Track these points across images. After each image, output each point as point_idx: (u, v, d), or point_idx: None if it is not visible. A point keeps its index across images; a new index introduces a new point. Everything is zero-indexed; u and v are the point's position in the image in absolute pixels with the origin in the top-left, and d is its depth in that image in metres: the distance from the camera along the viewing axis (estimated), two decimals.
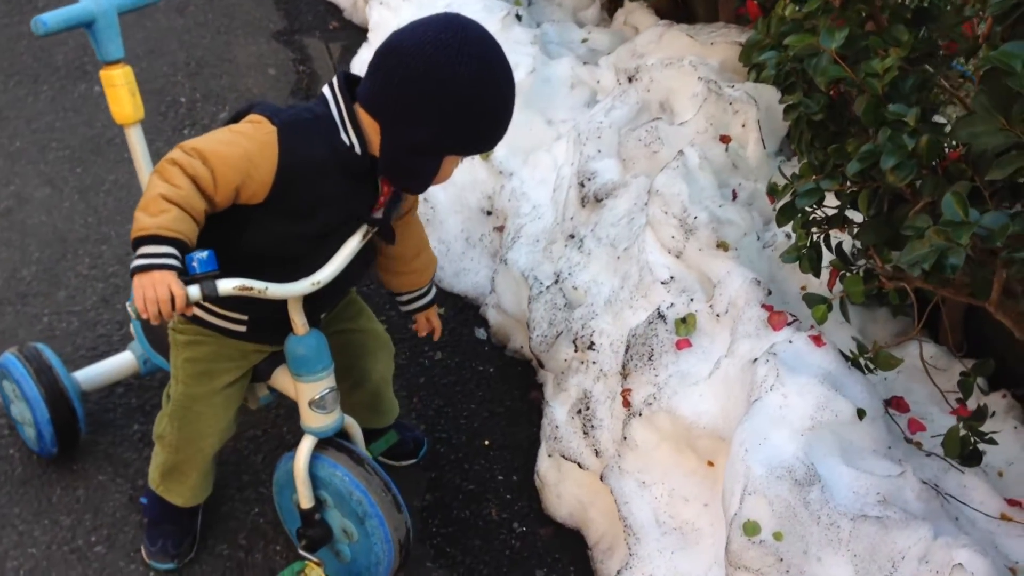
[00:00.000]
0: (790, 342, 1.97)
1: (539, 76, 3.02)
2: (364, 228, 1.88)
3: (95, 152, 3.57)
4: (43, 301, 2.90)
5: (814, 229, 1.98)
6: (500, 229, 3.01)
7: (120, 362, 2.46)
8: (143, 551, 2.20)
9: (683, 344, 2.19)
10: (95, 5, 2.06)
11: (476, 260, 3.04)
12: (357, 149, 1.75)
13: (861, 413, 1.88)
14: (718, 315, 2.18)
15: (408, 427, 2.52)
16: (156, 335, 2.26)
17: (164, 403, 2.08)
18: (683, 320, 2.21)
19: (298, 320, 1.91)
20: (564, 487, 2.37)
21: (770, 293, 2.14)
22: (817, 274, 2.00)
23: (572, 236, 2.59)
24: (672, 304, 2.23)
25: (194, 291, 1.63)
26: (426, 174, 1.76)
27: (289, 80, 4.14)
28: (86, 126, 3.70)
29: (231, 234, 1.79)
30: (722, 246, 2.22)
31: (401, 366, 2.79)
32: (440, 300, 3.02)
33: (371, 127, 1.73)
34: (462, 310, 3.01)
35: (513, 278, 2.74)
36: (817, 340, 1.99)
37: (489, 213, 3.05)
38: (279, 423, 2.58)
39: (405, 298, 2.21)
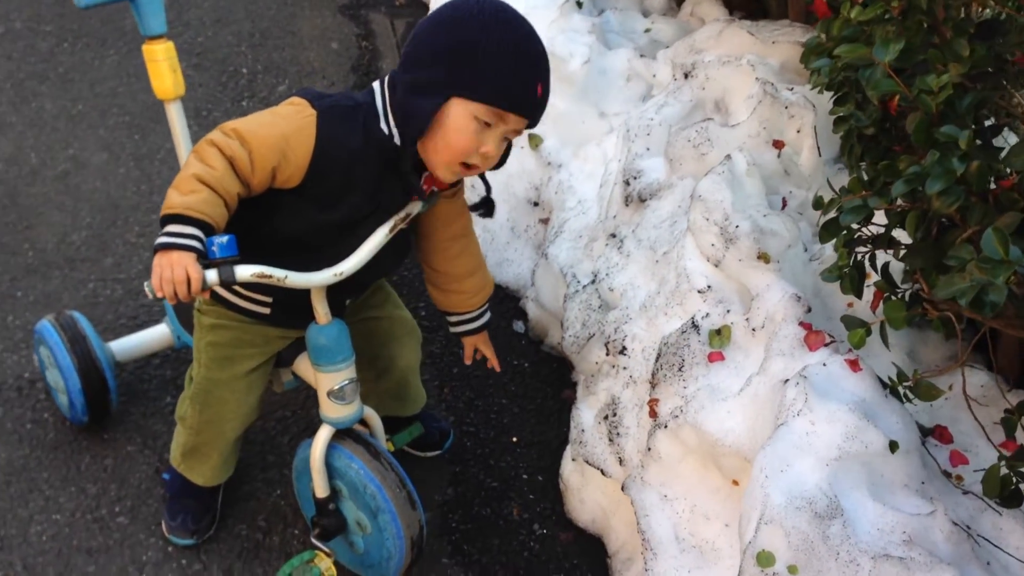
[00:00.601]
0: (824, 364, 1.89)
1: (594, 67, 2.95)
2: (392, 221, 1.84)
3: (154, 120, 3.60)
4: (90, 267, 2.94)
5: (859, 248, 1.89)
6: (545, 221, 2.96)
7: (155, 334, 2.48)
8: (163, 525, 2.22)
9: (715, 357, 2.12)
10: None
11: (520, 251, 3.00)
12: (396, 139, 1.73)
13: (893, 445, 1.79)
14: (754, 329, 2.11)
15: (435, 418, 2.50)
16: (186, 313, 2.27)
17: (187, 384, 2.09)
18: (717, 332, 2.14)
19: (320, 309, 1.89)
20: (587, 492, 2.33)
21: (810, 310, 2.05)
22: (859, 295, 1.91)
23: (613, 235, 2.53)
24: (707, 314, 2.16)
25: (211, 275, 1.62)
26: (423, 115, 1.67)
27: (351, 55, 4.13)
28: (147, 93, 3.73)
29: (260, 219, 1.78)
30: (763, 258, 2.13)
31: (434, 355, 2.76)
32: None
33: None
34: (502, 301, 2.97)
35: (553, 273, 2.69)
36: (853, 364, 1.90)
37: (536, 204, 3.00)
38: (308, 404, 2.57)
39: (452, 319, 2.16)
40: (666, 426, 2.07)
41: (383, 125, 1.74)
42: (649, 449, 2.10)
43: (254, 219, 1.77)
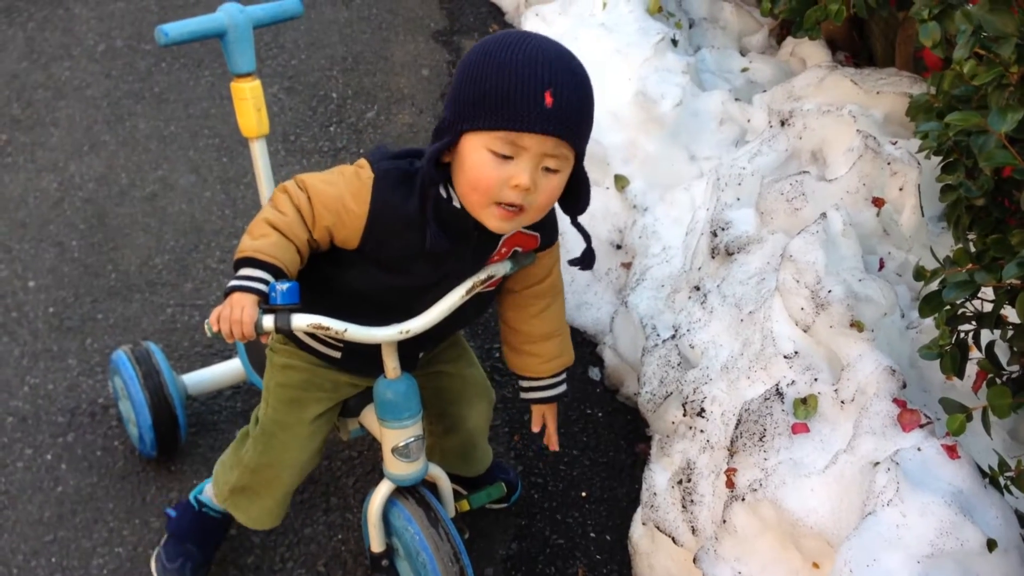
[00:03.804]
0: (919, 449, 1.76)
1: (687, 109, 2.85)
2: (471, 282, 1.78)
3: (242, 143, 3.60)
4: (170, 291, 2.96)
5: (962, 326, 1.76)
6: (627, 266, 2.87)
7: (228, 369, 2.47)
8: (155, 562, 2.15)
9: (799, 428, 2.00)
10: (228, 18, 2.05)
11: (600, 295, 2.91)
12: (456, 202, 1.64)
13: (992, 544, 1.65)
14: (842, 402, 1.98)
15: (504, 468, 2.42)
16: (257, 354, 2.25)
17: (252, 422, 2.05)
18: (803, 401, 2.02)
19: (390, 363, 1.84)
20: (657, 559, 2.23)
21: (905, 386, 1.92)
22: (960, 376, 1.78)
23: (697, 288, 2.42)
24: (793, 382, 2.04)
25: (267, 321, 1.60)
26: (430, 158, 1.58)
27: (441, 82, 4.10)
28: None
29: (336, 272, 1.75)
30: (856, 326, 2.01)
31: (507, 399, 2.69)
32: None
33: None
34: (579, 345, 2.87)
35: (632, 323, 2.59)
36: (951, 451, 1.76)
37: (619, 247, 2.91)
38: (375, 447, 2.52)
39: (524, 383, 2.03)
40: (744, 499, 1.96)
41: (442, 189, 1.64)
42: (724, 521, 1.99)
43: (331, 271, 1.75)
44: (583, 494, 2.46)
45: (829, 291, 2.03)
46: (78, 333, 2.81)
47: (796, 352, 2.07)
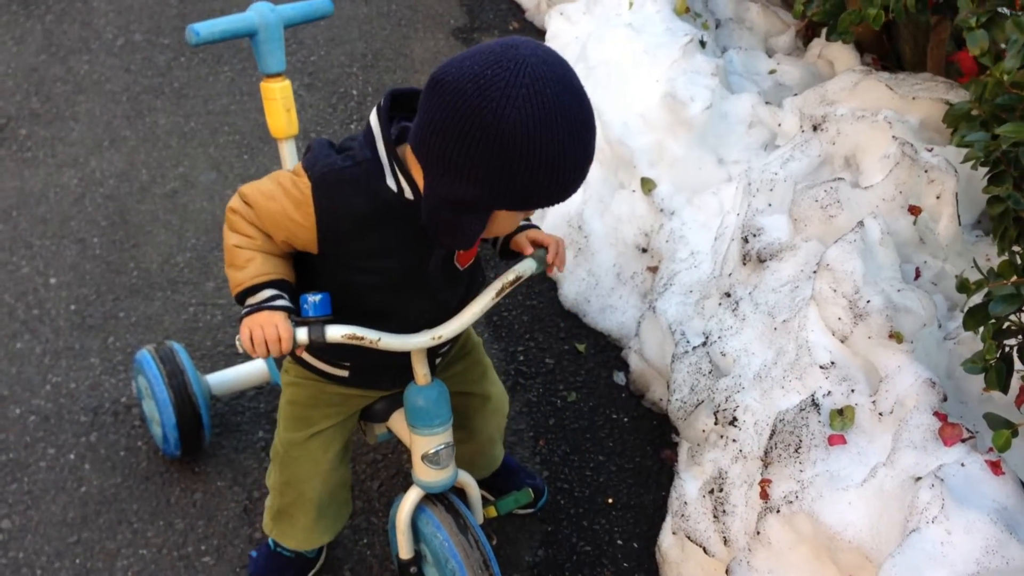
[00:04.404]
0: (962, 465, 1.73)
1: (715, 111, 2.81)
2: (499, 284, 1.74)
3: (263, 140, 3.60)
4: (192, 290, 2.94)
5: (1009, 341, 1.73)
6: (653, 269, 2.84)
7: (252, 369, 2.45)
8: None
9: (836, 440, 1.97)
10: (259, 17, 2.02)
11: (624, 299, 2.88)
12: (408, 194, 1.56)
13: None
14: (880, 414, 1.95)
15: (530, 474, 2.40)
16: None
17: (272, 449, 2.03)
18: (840, 412, 1.99)
19: (420, 370, 1.81)
20: (686, 568, 2.20)
21: (945, 399, 1.89)
22: (1005, 391, 1.75)
23: (728, 295, 2.39)
24: (829, 392, 2.02)
25: (302, 334, 1.59)
26: (470, 232, 1.51)
27: None
28: (259, 112, 3.74)
29: (325, 281, 1.71)
30: (895, 337, 1.98)
31: (531, 403, 2.67)
32: (582, 337, 2.89)
33: (418, 169, 1.53)
34: (603, 349, 2.86)
35: (660, 328, 2.56)
36: (995, 467, 1.73)
37: (644, 251, 2.88)
38: (400, 448, 2.51)
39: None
40: (779, 511, 1.93)
41: (390, 182, 1.56)
42: (758, 532, 1.97)
43: (326, 281, 1.70)
44: (609, 500, 2.44)
45: (868, 301, 2.00)
46: (100, 331, 2.79)
47: (832, 362, 2.04)
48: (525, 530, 2.35)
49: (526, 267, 1.77)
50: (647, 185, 2.86)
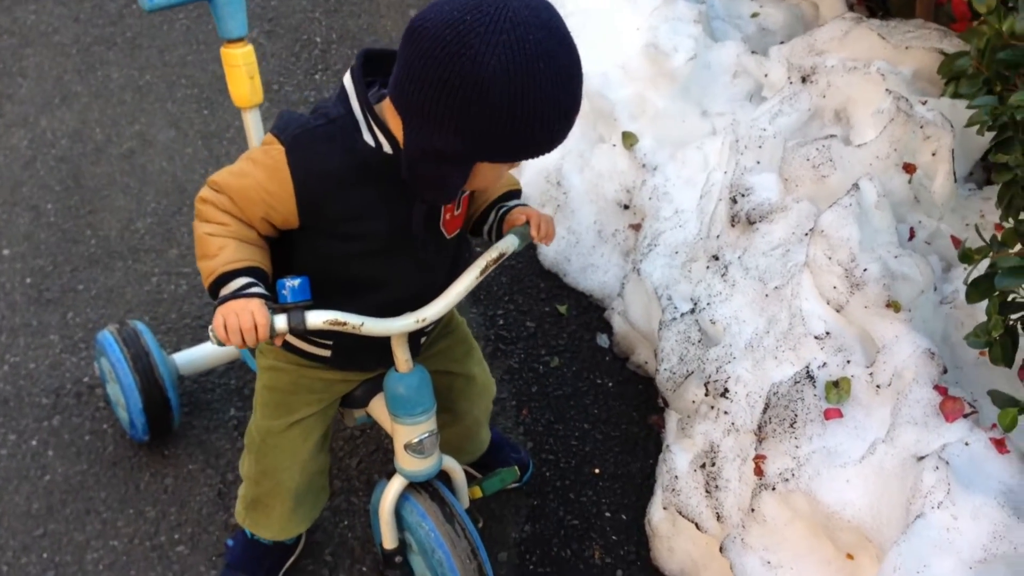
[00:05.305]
0: (966, 444, 1.67)
1: (699, 61, 2.69)
2: (483, 262, 1.65)
3: (223, 93, 3.42)
4: (154, 259, 2.80)
5: (1013, 314, 1.65)
6: (636, 227, 2.74)
7: (220, 347, 2.33)
8: None
9: (833, 414, 1.90)
10: None
11: (606, 257, 2.79)
12: (387, 148, 1.48)
13: None
14: (878, 386, 1.88)
15: (515, 447, 2.33)
16: None
17: (246, 435, 1.94)
18: (835, 384, 1.92)
19: (401, 356, 1.72)
20: (677, 541, 2.15)
21: (946, 371, 1.83)
22: (1010, 365, 1.68)
23: (716, 258, 2.30)
24: (824, 364, 1.95)
25: (280, 322, 1.49)
26: (452, 185, 1.46)
27: None
28: (216, 63, 3.56)
29: (301, 261, 1.63)
30: (893, 306, 1.90)
31: (513, 370, 2.59)
32: (563, 297, 2.80)
33: (396, 122, 1.45)
34: (585, 310, 2.77)
35: (645, 292, 2.48)
36: (999, 445, 1.68)
37: (626, 207, 2.78)
38: (379, 426, 2.42)
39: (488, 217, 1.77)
40: (774, 488, 1.87)
41: (367, 137, 1.49)
42: (753, 510, 1.91)
43: (301, 262, 1.62)
44: (596, 471, 2.37)
45: (864, 270, 1.91)
46: (58, 306, 2.65)
47: (827, 333, 1.97)
48: (511, 505, 2.28)
49: (508, 243, 1.68)
50: (628, 139, 2.75)
